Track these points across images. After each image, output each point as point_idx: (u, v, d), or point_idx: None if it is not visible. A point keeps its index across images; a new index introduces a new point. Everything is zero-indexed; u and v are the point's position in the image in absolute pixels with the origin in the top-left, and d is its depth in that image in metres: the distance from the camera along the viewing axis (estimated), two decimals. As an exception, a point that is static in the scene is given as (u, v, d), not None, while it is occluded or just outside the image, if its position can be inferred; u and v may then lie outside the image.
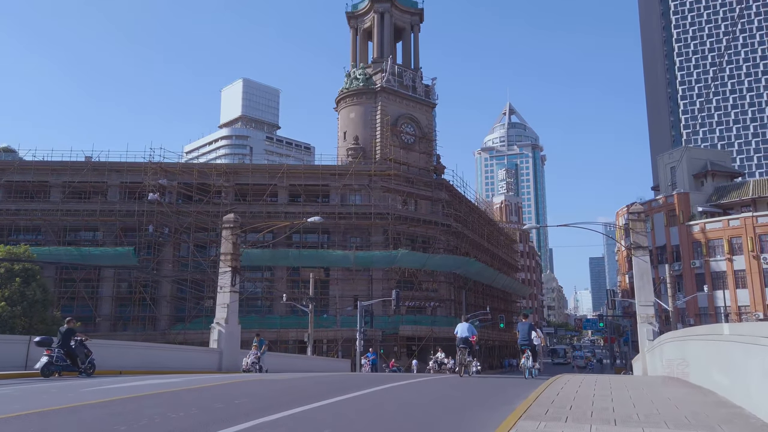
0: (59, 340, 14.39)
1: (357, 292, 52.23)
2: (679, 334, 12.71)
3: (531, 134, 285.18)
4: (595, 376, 16.20)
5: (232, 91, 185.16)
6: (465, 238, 63.50)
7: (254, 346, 23.05)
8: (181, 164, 53.07)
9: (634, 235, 23.49)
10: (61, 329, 14.69)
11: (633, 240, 23.52)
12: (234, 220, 25.10)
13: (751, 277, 49.40)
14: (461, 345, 17.70)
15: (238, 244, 25.03)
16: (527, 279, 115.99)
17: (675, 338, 12.66)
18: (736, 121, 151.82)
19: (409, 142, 60.16)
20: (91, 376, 14.70)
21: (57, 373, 14.14)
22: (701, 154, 60.82)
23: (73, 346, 14.45)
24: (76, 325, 15.43)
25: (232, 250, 24.25)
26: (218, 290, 24.81)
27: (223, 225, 25.46)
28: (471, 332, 17.80)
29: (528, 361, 17.83)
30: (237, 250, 24.68)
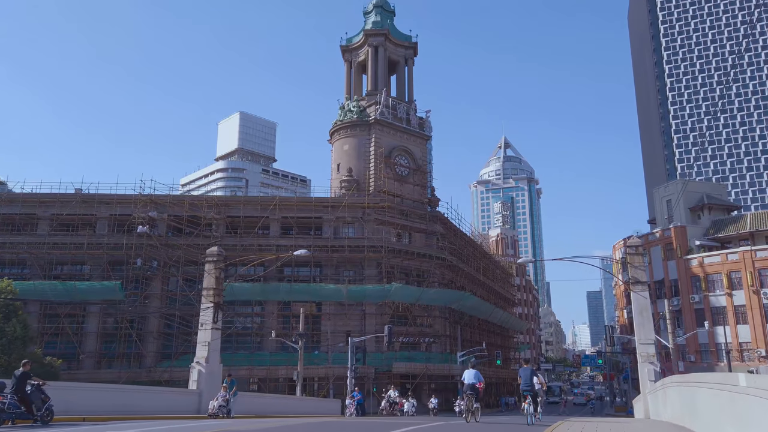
0: (13, 384, 13.31)
1: (349, 327, 50.95)
2: (687, 379, 11.75)
3: (526, 168, 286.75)
4: (595, 423, 15.16)
5: (228, 124, 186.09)
6: (460, 271, 62.49)
7: (224, 387, 21.80)
8: (171, 196, 52.31)
9: (632, 269, 22.63)
10: (16, 373, 13.61)
11: (631, 275, 22.66)
12: (218, 253, 24.21)
13: (751, 313, 48.35)
14: (468, 392, 18.12)
15: (222, 278, 24.04)
16: (524, 313, 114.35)
17: (681, 383, 11.72)
18: (729, 155, 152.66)
19: (403, 174, 59.70)
20: (48, 424, 13.56)
21: (9, 421, 13.00)
22: (697, 187, 60.47)
23: (28, 392, 13.37)
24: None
25: (215, 284, 23.30)
26: (199, 327, 23.66)
27: (206, 258, 24.52)
28: (478, 379, 18.10)
29: (530, 407, 17.49)
30: (220, 284, 23.72)
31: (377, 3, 66.12)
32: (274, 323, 50.58)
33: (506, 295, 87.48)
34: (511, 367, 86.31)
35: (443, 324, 57.83)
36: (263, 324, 51.17)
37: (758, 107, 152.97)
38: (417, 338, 54.76)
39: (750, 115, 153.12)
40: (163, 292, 51.54)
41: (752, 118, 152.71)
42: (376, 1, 66.26)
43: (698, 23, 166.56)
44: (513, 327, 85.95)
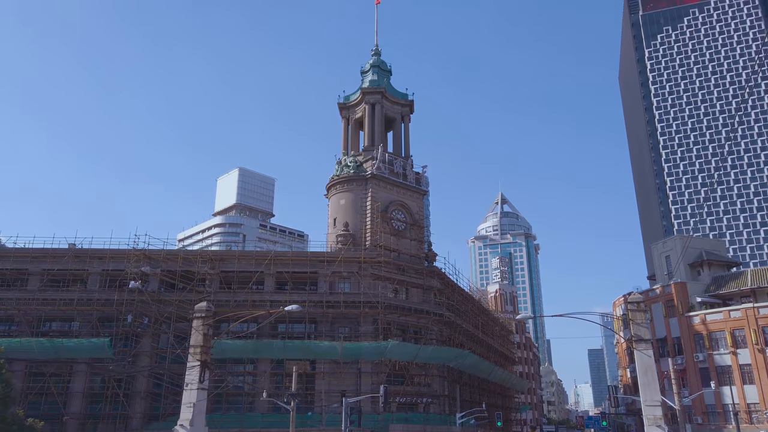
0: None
1: (344, 386, 49.32)
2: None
3: (524, 223, 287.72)
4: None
5: (227, 179, 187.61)
6: (458, 328, 61.21)
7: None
8: (165, 251, 51.72)
9: (634, 326, 21.93)
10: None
11: (633, 332, 21.94)
12: (206, 309, 23.47)
13: (758, 372, 47.00)
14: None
15: (210, 335, 23.21)
16: (525, 372, 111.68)
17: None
18: (726, 211, 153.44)
19: (399, 228, 59.39)
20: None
21: None
22: (696, 243, 60.17)
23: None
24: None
25: (202, 341, 22.46)
26: (185, 387, 22.61)
27: (194, 314, 23.74)
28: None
29: None
30: (208, 342, 22.87)
31: (374, 63, 67.70)
32: (266, 383, 49.00)
33: (506, 353, 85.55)
34: (512, 429, 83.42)
35: (441, 383, 56.09)
36: (255, 383, 49.54)
37: (751, 165, 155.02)
38: (414, 398, 52.96)
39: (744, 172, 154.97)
40: (153, 349, 50.15)
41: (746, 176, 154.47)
42: (373, 61, 67.86)
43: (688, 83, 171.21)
44: (514, 386, 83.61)
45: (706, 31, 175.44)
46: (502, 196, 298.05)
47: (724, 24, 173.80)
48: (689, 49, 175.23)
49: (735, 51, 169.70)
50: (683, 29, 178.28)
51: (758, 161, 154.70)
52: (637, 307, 22.15)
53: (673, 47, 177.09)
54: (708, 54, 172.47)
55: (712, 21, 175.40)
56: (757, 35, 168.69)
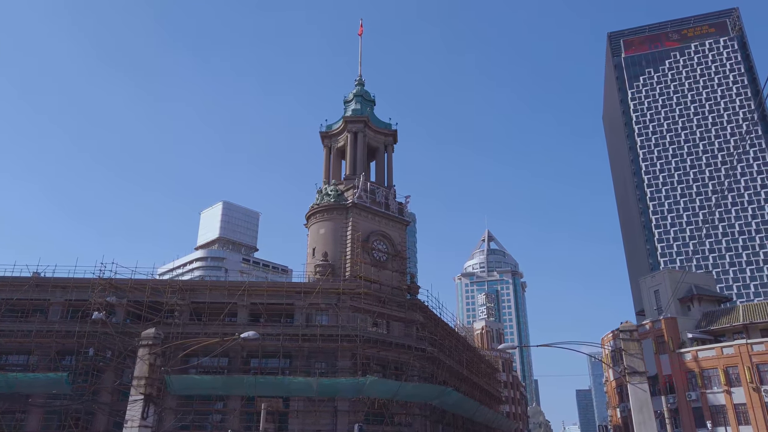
0: None
1: (320, 426, 46.38)
2: None
3: (510, 261, 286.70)
4: None
5: (211, 213, 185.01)
6: (442, 364, 58.54)
7: None
8: (132, 280, 49.11)
9: (627, 357, 19.95)
10: None
11: (627, 364, 19.93)
12: (154, 336, 21.13)
13: (753, 413, 44.85)
14: None
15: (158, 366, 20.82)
16: (512, 412, 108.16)
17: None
18: (711, 249, 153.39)
19: (381, 259, 57.35)
20: None
21: None
22: (685, 278, 58.68)
23: None
24: None
25: (147, 373, 20.05)
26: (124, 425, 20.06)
27: (140, 342, 21.38)
28: None
29: None
30: (155, 373, 20.48)
31: (357, 92, 66.87)
32: (235, 421, 45.90)
33: (492, 392, 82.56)
34: (498, 472, 79.77)
35: (423, 423, 53.15)
36: (224, 422, 46.35)
37: (734, 204, 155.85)
38: (394, 439, 49.93)
39: (728, 211, 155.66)
40: (116, 385, 46.96)
41: (730, 214, 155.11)
42: (357, 91, 67.03)
43: (670, 123, 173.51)
44: (500, 427, 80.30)
45: (687, 73, 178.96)
46: (489, 233, 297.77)
47: (705, 67, 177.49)
48: (671, 91, 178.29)
49: (716, 93, 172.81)
50: (665, 71, 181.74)
51: (742, 200, 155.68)
52: (630, 336, 20.22)
53: (656, 89, 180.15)
54: (690, 95, 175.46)
55: (693, 64, 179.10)
56: (737, 78, 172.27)
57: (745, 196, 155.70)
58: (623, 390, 56.01)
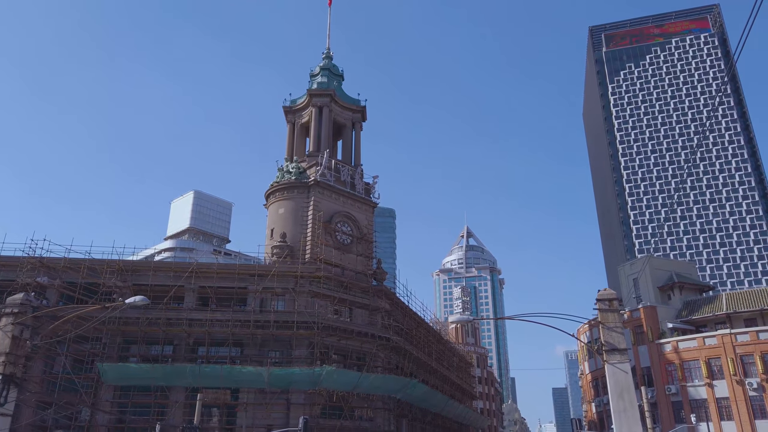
0: None
1: (271, 420, 42.35)
2: None
3: (489, 257, 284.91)
4: None
5: (182, 202, 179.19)
6: (409, 355, 54.87)
7: None
8: (66, 259, 44.47)
9: (605, 332, 16.35)
10: None
11: (604, 339, 16.31)
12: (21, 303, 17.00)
13: (736, 406, 41.95)
14: None
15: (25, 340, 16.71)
16: (486, 408, 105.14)
17: None
18: (685, 231, 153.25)
19: (345, 242, 53.41)
20: None
21: None
22: (665, 265, 55.84)
23: None
24: None
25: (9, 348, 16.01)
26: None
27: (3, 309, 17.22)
28: None
29: None
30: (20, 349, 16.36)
31: (325, 66, 62.73)
32: (178, 414, 41.70)
33: (465, 387, 79.27)
34: (469, 470, 76.56)
35: (386, 417, 49.39)
36: (166, 415, 42.05)
37: (710, 186, 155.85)
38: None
39: (702, 194, 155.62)
40: (46, 374, 42.36)
41: (704, 197, 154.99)
42: (324, 64, 62.91)
43: (650, 118, 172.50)
44: (472, 423, 77.09)
45: (667, 68, 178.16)
46: (468, 229, 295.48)
47: (685, 62, 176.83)
48: (651, 86, 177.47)
49: (696, 88, 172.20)
50: (645, 66, 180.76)
51: (716, 182, 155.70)
52: (609, 306, 16.63)
53: (636, 83, 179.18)
54: (670, 90, 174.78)
55: (673, 59, 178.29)
56: (717, 73, 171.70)
57: (719, 179, 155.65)
58: (599, 383, 52.93)
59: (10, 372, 16.44)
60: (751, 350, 42.60)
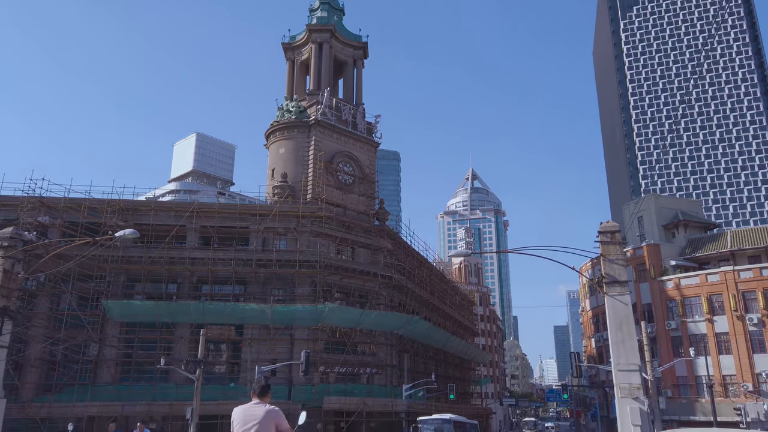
0: None
1: (275, 355, 43.16)
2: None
3: (493, 199, 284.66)
4: None
5: (184, 145, 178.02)
6: (411, 293, 55.42)
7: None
8: (66, 199, 44.28)
9: (606, 264, 16.01)
10: None
11: (605, 272, 16.01)
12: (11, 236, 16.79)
13: (735, 341, 42.38)
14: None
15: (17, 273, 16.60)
16: (487, 345, 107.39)
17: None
18: (693, 172, 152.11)
19: (346, 182, 52.94)
20: None
21: None
22: (671, 204, 55.20)
23: None
24: None
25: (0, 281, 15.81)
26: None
27: (-7, 242, 17.04)
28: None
29: None
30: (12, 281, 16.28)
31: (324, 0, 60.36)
32: (184, 350, 42.51)
33: (467, 325, 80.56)
34: (471, 401, 78.83)
35: (389, 352, 50.38)
36: (172, 351, 42.93)
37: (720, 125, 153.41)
38: (357, 368, 47.19)
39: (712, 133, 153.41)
40: (52, 311, 43.05)
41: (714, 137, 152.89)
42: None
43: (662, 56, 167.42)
44: (473, 358, 78.82)
45: (681, 3, 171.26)
46: (473, 171, 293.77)
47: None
48: (665, 21, 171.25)
49: (711, 24, 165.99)
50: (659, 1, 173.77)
51: (727, 122, 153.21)
52: (612, 238, 16.23)
53: (649, 20, 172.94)
54: (684, 27, 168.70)
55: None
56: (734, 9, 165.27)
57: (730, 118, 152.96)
58: (599, 320, 53.52)
59: (3, 305, 16.40)
60: (753, 287, 42.62)
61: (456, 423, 39.31)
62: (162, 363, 33.89)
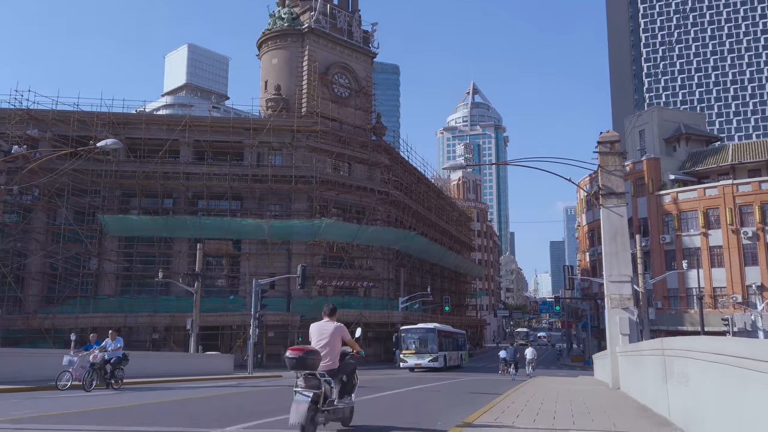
0: None
1: (273, 269, 43.71)
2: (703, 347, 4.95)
3: (494, 114, 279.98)
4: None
5: (176, 57, 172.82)
6: (408, 209, 55.50)
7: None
8: (54, 111, 43.15)
9: (604, 175, 15.58)
10: None
11: (602, 183, 15.60)
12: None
13: (728, 254, 42.81)
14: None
15: None
16: (484, 260, 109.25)
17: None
18: (699, 84, 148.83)
19: (342, 95, 51.48)
20: None
21: None
22: (673, 116, 53.98)
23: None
24: None
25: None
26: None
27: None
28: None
29: (513, 369, 28.70)
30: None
31: None
32: (183, 264, 42.96)
33: (464, 240, 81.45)
34: (466, 313, 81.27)
35: (386, 267, 51.15)
36: (171, 265, 43.44)
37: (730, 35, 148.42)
38: (354, 282, 48.05)
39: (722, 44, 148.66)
40: (49, 225, 43.12)
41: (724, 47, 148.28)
42: None
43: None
44: (469, 272, 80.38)
45: None
46: (474, 86, 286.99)
47: None
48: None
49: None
50: None
51: (737, 31, 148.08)
52: (611, 148, 15.68)
53: None
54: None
55: None
56: None
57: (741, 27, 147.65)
58: (594, 234, 53.91)
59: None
60: (751, 200, 42.49)
61: (441, 332, 38.76)
62: (160, 276, 34.30)
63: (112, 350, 15.73)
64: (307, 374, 6.67)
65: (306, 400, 6.39)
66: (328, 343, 7.20)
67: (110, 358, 15.59)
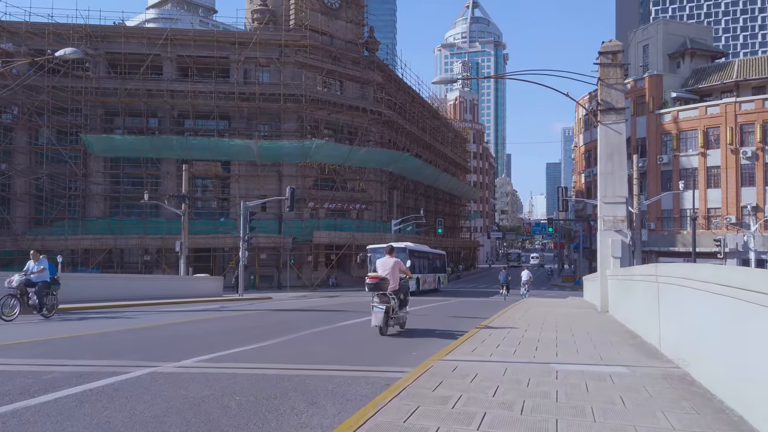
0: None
1: (265, 191, 43.01)
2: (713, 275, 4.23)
3: (494, 30, 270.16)
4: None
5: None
6: (402, 130, 54.14)
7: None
8: (28, 23, 40.74)
9: (603, 89, 14.53)
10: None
11: (601, 98, 14.58)
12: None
13: (725, 174, 42.11)
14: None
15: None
16: (479, 182, 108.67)
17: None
18: (708, 12, 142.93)
19: (333, 6, 48.75)
20: None
21: None
22: (679, 29, 51.47)
23: None
24: None
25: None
26: None
27: None
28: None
29: (505, 291, 30.15)
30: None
31: None
32: (171, 185, 42.19)
33: (459, 162, 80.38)
34: (459, 235, 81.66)
35: (379, 189, 50.45)
36: (159, 186, 42.66)
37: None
38: (346, 204, 47.54)
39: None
40: (31, 146, 41.88)
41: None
42: None
43: None
44: (463, 195, 79.93)
45: None
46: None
47: None
48: None
49: None
50: None
51: None
52: (613, 59, 14.51)
53: None
54: None
55: None
56: None
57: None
58: (591, 155, 52.96)
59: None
60: (753, 119, 41.28)
61: (413, 252, 33.87)
62: (146, 198, 33.59)
63: (36, 273, 13.78)
64: (381, 294, 9.64)
65: (382, 311, 9.60)
66: (391, 273, 9.98)
67: (36, 282, 13.66)
